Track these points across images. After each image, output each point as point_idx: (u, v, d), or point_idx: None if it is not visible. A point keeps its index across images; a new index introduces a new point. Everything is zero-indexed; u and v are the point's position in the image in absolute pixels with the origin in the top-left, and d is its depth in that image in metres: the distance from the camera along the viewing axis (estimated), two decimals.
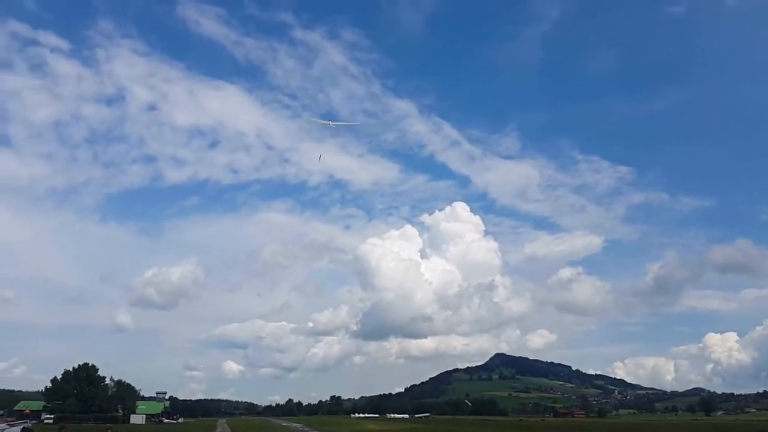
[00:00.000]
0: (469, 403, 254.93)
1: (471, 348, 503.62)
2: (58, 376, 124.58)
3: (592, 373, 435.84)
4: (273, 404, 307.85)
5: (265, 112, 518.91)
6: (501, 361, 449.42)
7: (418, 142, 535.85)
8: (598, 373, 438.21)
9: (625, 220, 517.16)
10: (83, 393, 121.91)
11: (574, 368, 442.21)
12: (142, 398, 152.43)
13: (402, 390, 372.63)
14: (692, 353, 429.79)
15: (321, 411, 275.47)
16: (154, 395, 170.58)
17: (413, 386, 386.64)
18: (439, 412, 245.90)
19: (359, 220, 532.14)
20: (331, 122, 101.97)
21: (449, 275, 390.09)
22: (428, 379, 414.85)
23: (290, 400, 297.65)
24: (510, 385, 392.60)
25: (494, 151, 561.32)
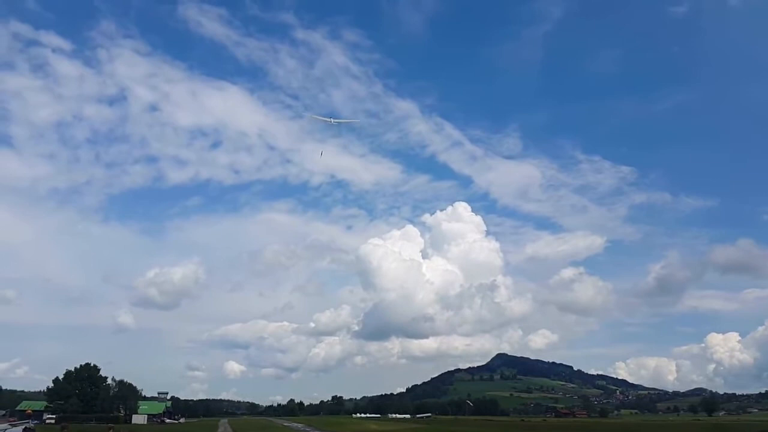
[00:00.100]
0: (470, 404, 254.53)
1: (472, 348, 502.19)
2: (60, 377, 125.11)
3: (594, 373, 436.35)
4: (275, 404, 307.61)
5: (267, 112, 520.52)
6: (502, 362, 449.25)
7: (419, 142, 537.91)
8: (600, 373, 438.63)
9: (627, 220, 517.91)
10: (85, 393, 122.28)
11: (576, 368, 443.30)
12: (144, 398, 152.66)
13: (403, 390, 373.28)
14: (694, 353, 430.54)
15: (323, 411, 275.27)
16: (156, 395, 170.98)
17: (415, 386, 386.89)
18: (441, 412, 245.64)
19: (361, 221, 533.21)
20: (332, 119, 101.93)
21: (451, 275, 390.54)
22: (430, 379, 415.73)
23: (292, 400, 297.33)
24: (511, 386, 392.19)
25: (496, 151, 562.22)
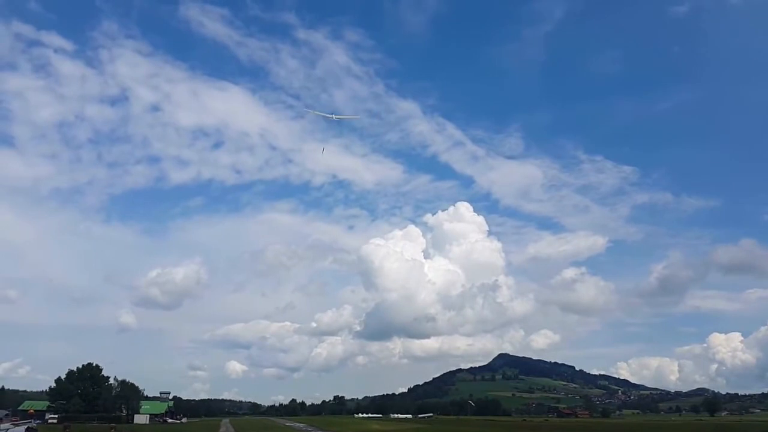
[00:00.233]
0: (472, 404, 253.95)
1: (474, 348, 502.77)
2: (63, 376, 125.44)
3: (596, 373, 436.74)
4: (276, 404, 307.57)
5: (269, 112, 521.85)
6: (504, 362, 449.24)
7: (421, 142, 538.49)
8: (602, 373, 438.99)
9: (629, 220, 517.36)
10: (87, 393, 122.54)
11: (578, 368, 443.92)
12: (146, 398, 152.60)
13: (405, 390, 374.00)
14: (696, 353, 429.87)
15: (324, 411, 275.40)
16: (158, 395, 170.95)
17: (416, 386, 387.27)
18: (443, 412, 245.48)
19: (363, 221, 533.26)
20: (333, 115, 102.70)
21: (452, 275, 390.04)
22: (432, 379, 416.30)
23: (294, 400, 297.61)
24: (513, 386, 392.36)
25: (498, 151, 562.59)
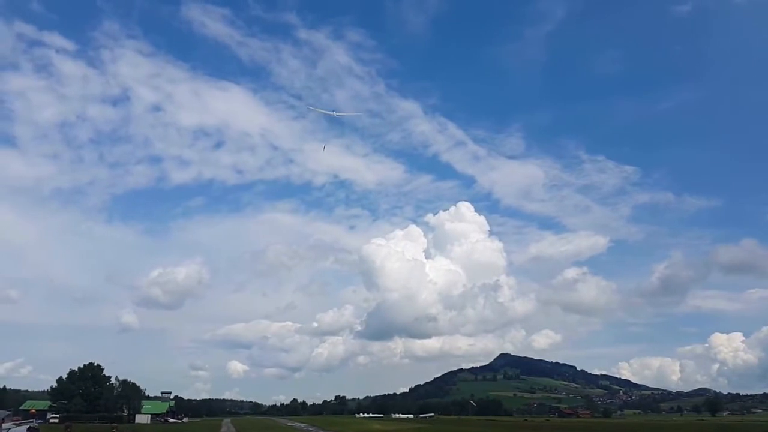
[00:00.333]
0: (473, 404, 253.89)
1: (476, 348, 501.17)
2: (64, 376, 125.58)
3: (597, 373, 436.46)
4: (278, 404, 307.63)
5: (270, 112, 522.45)
6: (506, 362, 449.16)
7: (422, 142, 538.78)
8: (603, 373, 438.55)
9: (630, 220, 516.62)
10: (89, 393, 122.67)
11: (579, 368, 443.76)
12: (148, 398, 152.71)
13: (406, 390, 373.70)
14: (698, 353, 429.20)
15: (326, 411, 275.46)
16: (160, 395, 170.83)
17: (418, 386, 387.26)
18: (444, 412, 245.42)
19: (364, 221, 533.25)
20: (334, 112, 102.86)
21: (454, 275, 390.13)
22: (433, 379, 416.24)
23: (295, 400, 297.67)
24: (515, 386, 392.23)
25: (499, 151, 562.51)
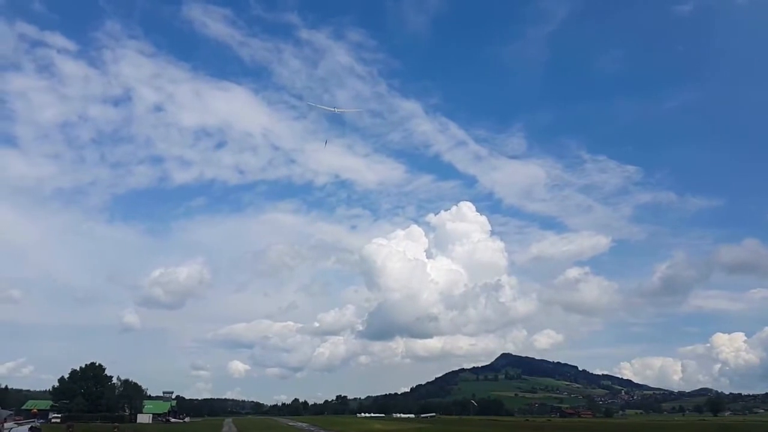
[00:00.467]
0: (475, 403, 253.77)
1: (477, 348, 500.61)
2: (66, 376, 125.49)
3: (599, 373, 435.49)
4: (279, 404, 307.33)
5: (271, 112, 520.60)
6: (507, 362, 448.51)
7: (424, 142, 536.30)
8: (605, 373, 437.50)
9: (632, 219, 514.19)
10: (90, 392, 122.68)
11: (581, 368, 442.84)
12: (149, 397, 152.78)
13: (408, 390, 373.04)
14: (700, 353, 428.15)
15: (327, 411, 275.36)
16: (161, 394, 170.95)
17: (419, 386, 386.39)
18: (445, 412, 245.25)
19: (365, 220, 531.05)
20: (335, 108, 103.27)
21: (455, 275, 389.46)
22: (434, 379, 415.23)
23: (296, 400, 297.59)
24: (516, 386, 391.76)
25: (501, 151, 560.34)
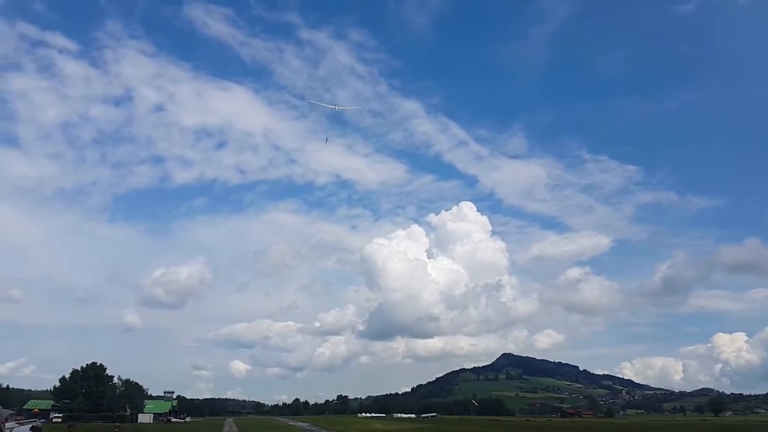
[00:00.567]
0: (476, 403, 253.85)
1: (478, 348, 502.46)
2: (67, 376, 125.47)
3: (600, 373, 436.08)
4: (280, 403, 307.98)
5: (272, 112, 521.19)
6: (508, 361, 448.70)
7: (424, 141, 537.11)
8: (606, 373, 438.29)
9: (633, 219, 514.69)
10: (91, 392, 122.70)
11: (582, 368, 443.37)
12: (150, 397, 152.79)
13: (409, 390, 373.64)
14: (701, 353, 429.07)
15: (328, 410, 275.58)
16: (162, 394, 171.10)
17: (420, 386, 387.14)
18: (446, 412, 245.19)
19: (366, 220, 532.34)
20: (336, 106, 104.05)
21: (456, 275, 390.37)
22: (435, 379, 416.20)
23: (297, 400, 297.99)
24: (517, 386, 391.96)
25: (501, 151, 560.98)
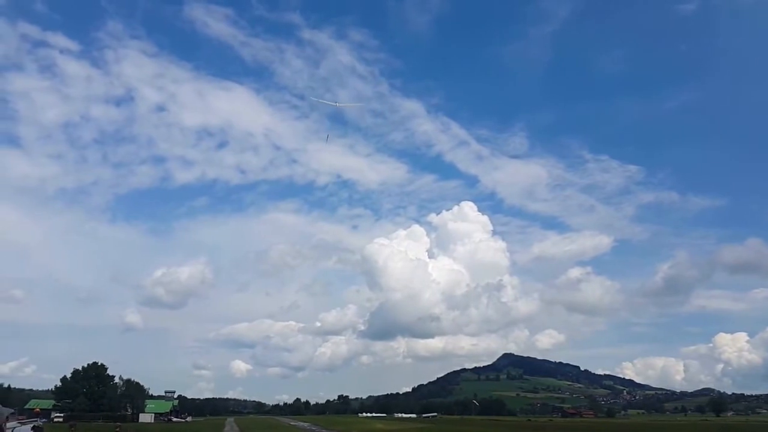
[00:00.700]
0: (476, 403, 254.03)
1: (479, 348, 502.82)
2: (68, 375, 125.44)
3: (601, 373, 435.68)
4: (281, 403, 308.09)
5: (273, 112, 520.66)
6: (509, 361, 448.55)
7: (425, 141, 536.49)
8: (607, 373, 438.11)
9: (634, 219, 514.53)
10: (93, 392, 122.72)
11: (583, 368, 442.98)
12: (151, 397, 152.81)
13: (409, 390, 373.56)
14: (702, 353, 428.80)
15: (329, 410, 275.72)
16: (163, 394, 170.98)
17: (421, 386, 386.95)
18: (447, 412, 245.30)
19: (367, 220, 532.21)
20: (337, 102, 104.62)
21: (457, 275, 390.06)
22: (436, 378, 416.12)
23: (298, 400, 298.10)
24: (518, 386, 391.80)
25: (502, 151, 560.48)
